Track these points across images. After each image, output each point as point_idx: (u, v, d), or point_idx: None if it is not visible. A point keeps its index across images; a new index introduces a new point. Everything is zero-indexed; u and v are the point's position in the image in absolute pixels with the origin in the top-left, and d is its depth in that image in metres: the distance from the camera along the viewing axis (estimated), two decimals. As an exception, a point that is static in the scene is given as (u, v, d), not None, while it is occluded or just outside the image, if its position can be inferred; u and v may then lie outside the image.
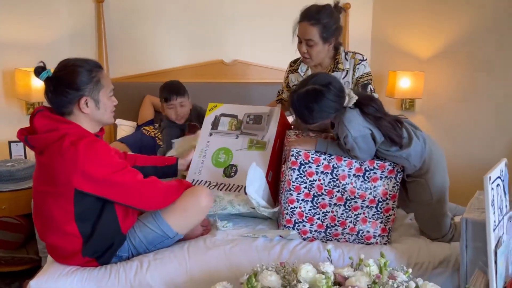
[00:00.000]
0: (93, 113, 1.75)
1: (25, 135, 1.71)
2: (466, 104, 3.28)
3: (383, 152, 1.93)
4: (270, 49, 3.56)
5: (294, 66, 2.51)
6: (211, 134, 2.32)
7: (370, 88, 2.38)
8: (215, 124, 2.35)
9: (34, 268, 2.66)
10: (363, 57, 2.40)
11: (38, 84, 2.93)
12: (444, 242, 2.04)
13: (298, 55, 2.41)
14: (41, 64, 1.72)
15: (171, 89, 2.65)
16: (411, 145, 1.90)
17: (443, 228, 2.04)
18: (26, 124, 1.77)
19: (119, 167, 1.71)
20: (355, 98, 1.86)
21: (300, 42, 2.31)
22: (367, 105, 1.87)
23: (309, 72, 2.44)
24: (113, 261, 1.83)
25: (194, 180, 2.21)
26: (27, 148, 3.10)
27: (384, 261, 1.56)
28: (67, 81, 1.69)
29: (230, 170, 2.23)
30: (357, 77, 2.36)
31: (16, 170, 2.76)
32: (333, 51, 2.38)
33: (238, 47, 3.58)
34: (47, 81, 1.71)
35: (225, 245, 1.92)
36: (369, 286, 1.49)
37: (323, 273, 1.51)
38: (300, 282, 1.49)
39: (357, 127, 1.85)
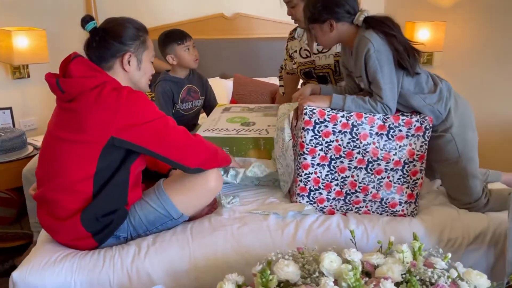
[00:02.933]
0: (133, 72, 1.67)
1: (56, 78, 1.57)
2: (492, 59, 2.98)
3: (406, 95, 1.73)
4: (275, 0, 3.24)
5: (292, 33, 2.45)
6: (223, 112, 2.31)
7: None
8: (226, 109, 2.36)
9: (27, 244, 2.49)
10: None
11: (21, 44, 2.67)
12: (478, 209, 1.81)
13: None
14: (88, 15, 1.65)
15: (181, 31, 2.43)
16: (437, 90, 1.74)
17: (474, 191, 1.81)
18: (13, 89, 1.60)
19: (161, 114, 1.60)
20: (366, 12, 1.73)
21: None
22: (380, 23, 1.69)
23: (305, 37, 2.34)
24: (109, 242, 1.62)
25: (208, 128, 2.08)
26: (15, 115, 2.88)
27: (418, 245, 1.35)
28: (115, 33, 1.62)
29: (248, 124, 2.13)
30: None
31: (2, 141, 2.53)
32: None
33: (239, -2, 3.28)
34: (93, 32, 1.63)
35: (232, 224, 1.70)
36: (403, 276, 1.27)
37: (348, 262, 1.29)
38: (323, 274, 1.27)
39: (379, 41, 1.67)
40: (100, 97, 1.52)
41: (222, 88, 3.08)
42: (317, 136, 1.71)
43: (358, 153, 1.72)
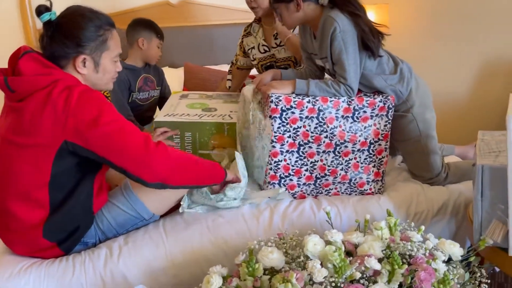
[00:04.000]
0: (89, 75, 1.50)
1: (4, 76, 1.42)
2: (435, 37, 3.10)
3: (368, 75, 1.75)
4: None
5: (247, 29, 2.42)
6: (180, 98, 2.22)
7: None
8: (183, 96, 2.28)
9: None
10: None
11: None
12: (439, 183, 1.89)
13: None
14: (47, 3, 1.45)
15: (159, 28, 2.41)
16: (398, 70, 1.77)
17: (435, 167, 1.88)
18: None
19: (117, 117, 1.43)
20: None
21: None
22: (346, 3, 1.69)
23: (261, 32, 2.32)
24: (76, 249, 1.54)
25: (168, 113, 1.99)
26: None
27: (394, 220, 1.38)
28: (69, 32, 1.45)
29: (209, 110, 2.06)
30: None
31: None
32: None
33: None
34: (47, 24, 1.45)
35: (207, 217, 1.65)
36: (384, 252, 1.30)
37: (330, 243, 1.31)
38: (308, 257, 1.27)
39: (344, 21, 1.66)
40: (50, 97, 1.38)
41: (172, 77, 2.99)
42: (285, 123, 1.71)
43: (326, 137, 1.73)
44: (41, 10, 1.43)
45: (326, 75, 1.93)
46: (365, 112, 1.74)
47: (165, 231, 1.60)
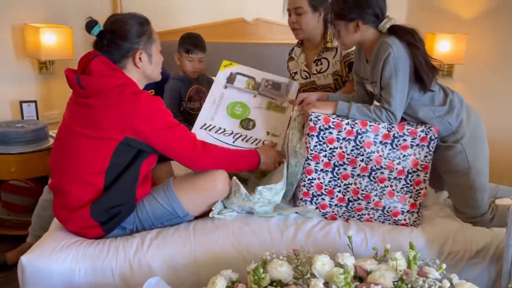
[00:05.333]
0: (145, 67, 1.72)
1: (76, 74, 1.64)
2: (508, 73, 2.94)
3: (415, 106, 1.74)
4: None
5: (290, 53, 2.45)
6: (226, 87, 2.12)
7: None
8: (230, 79, 2.15)
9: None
10: None
11: (48, 41, 2.78)
12: (483, 223, 1.80)
13: None
14: (91, 19, 1.68)
15: (196, 42, 2.48)
16: (447, 102, 1.75)
17: (481, 204, 1.80)
18: (39, 84, 1.69)
19: (175, 124, 1.70)
20: (394, 20, 1.73)
21: (289, 15, 2.24)
22: (405, 33, 1.69)
23: (302, 57, 2.35)
24: (115, 232, 1.69)
25: (205, 124, 1.98)
26: (39, 109, 2.99)
27: (413, 254, 1.36)
28: (122, 34, 1.67)
29: (247, 123, 2.03)
30: (343, 56, 2.21)
31: (25, 132, 2.64)
32: (322, 27, 2.27)
33: (261, 3, 3.30)
34: (100, 35, 1.68)
35: (234, 224, 1.74)
36: (395, 283, 1.29)
37: (341, 266, 1.31)
38: (314, 276, 1.29)
39: (400, 48, 1.67)
40: (120, 98, 1.59)
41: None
42: (321, 142, 1.74)
43: (362, 160, 1.74)
44: (91, 25, 1.66)
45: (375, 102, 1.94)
46: (405, 140, 1.72)
47: (194, 232, 1.70)
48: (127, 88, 1.62)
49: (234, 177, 1.78)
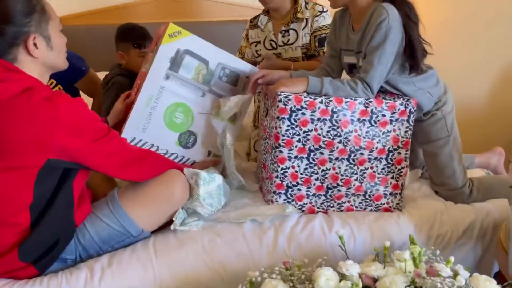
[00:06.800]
0: (44, 56, 1.30)
1: None
2: (453, 41, 2.92)
3: (395, 79, 1.58)
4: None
5: (253, 21, 2.23)
6: (168, 77, 1.62)
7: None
8: (175, 63, 1.62)
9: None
10: (323, 8, 2.09)
11: None
12: (462, 197, 1.71)
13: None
14: None
15: (145, 34, 2.12)
16: (427, 72, 1.63)
17: (460, 175, 1.71)
18: None
19: (105, 131, 1.33)
20: None
21: None
22: (404, 4, 1.51)
23: (270, 25, 2.13)
24: (54, 267, 1.35)
25: (135, 139, 1.61)
26: None
27: (418, 249, 1.19)
28: (2, 15, 1.24)
29: (187, 138, 1.69)
30: (314, 29, 2.05)
31: None
32: None
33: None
34: None
35: (202, 236, 1.46)
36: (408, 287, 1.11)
37: (345, 277, 1.12)
38: None
39: (396, 17, 1.48)
40: (28, 109, 1.20)
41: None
42: (294, 126, 1.52)
43: (339, 142, 1.54)
44: None
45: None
46: (384, 116, 1.55)
47: (155, 251, 1.40)
48: (34, 93, 1.21)
49: (186, 168, 1.51)
